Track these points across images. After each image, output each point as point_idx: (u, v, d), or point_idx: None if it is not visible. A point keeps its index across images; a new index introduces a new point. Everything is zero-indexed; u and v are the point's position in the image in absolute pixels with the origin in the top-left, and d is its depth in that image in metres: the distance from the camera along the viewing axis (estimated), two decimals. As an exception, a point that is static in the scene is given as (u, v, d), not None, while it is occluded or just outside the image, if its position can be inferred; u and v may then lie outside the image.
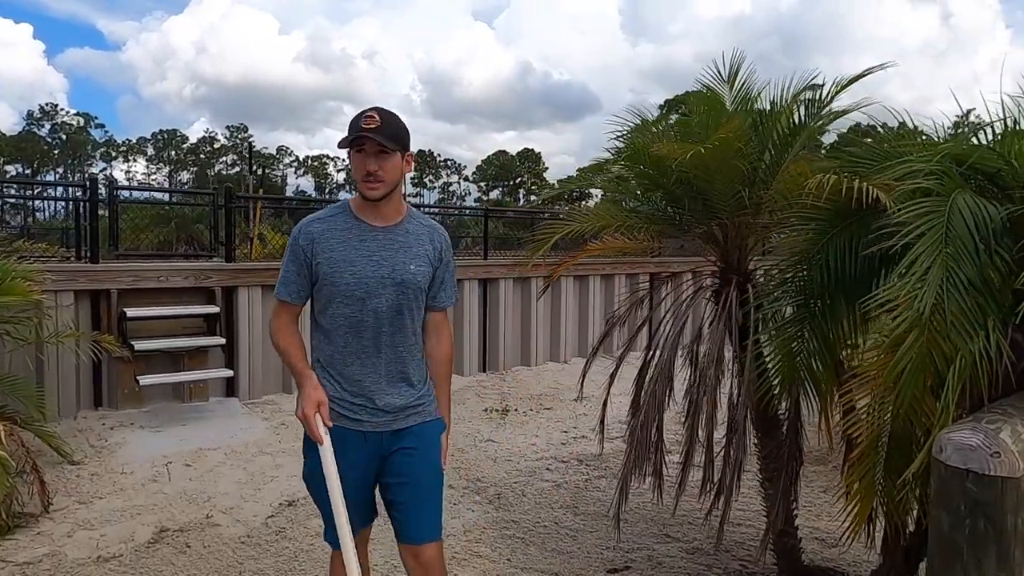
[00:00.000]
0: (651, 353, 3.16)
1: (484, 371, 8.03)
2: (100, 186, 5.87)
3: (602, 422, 3.51)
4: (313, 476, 1.95)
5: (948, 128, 2.45)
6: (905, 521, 2.20)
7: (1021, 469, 1.49)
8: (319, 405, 1.88)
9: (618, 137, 3.05)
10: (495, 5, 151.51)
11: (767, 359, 2.58)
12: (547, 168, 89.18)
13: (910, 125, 2.40)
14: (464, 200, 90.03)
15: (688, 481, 3.04)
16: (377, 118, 1.86)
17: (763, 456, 2.99)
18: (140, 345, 5.39)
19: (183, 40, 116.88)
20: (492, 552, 3.42)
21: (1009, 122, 2.22)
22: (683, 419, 2.98)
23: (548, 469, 4.73)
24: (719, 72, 2.80)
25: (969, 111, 2.76)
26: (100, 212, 6.09)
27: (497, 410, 6.26)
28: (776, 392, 2.50)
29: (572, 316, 8.88)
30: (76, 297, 5.42)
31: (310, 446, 1.96)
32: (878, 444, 1.93)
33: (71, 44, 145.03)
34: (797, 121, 2.56)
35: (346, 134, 1.88)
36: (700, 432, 2.81)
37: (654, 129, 2.91)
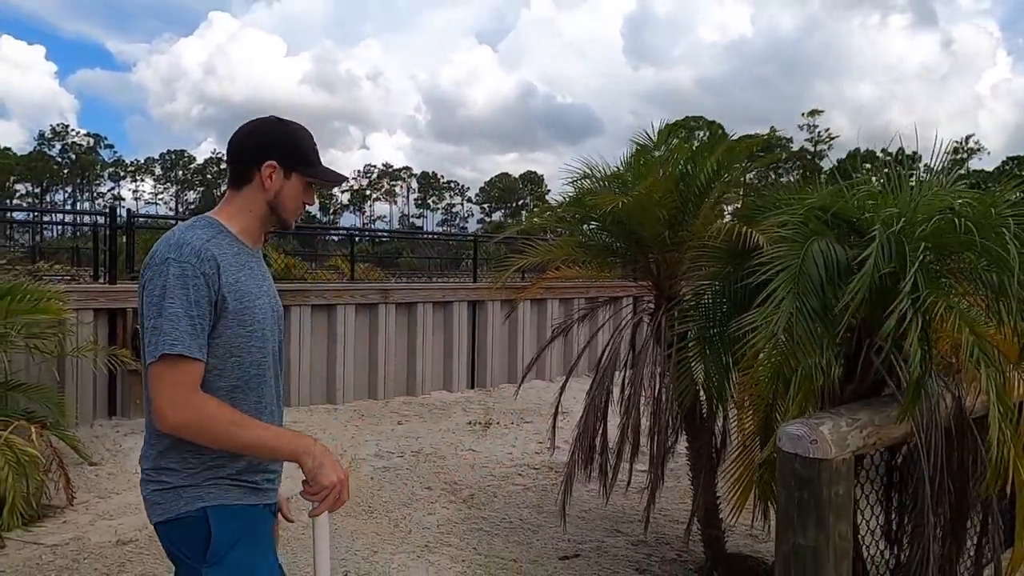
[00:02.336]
0: (598, 368, 3.67)
1: (472, 388, 8.52)
2: (119, 212, 6.45)
3: (553, 430, 3.98)
4: (251, 572, 1.55)
5: (947, 153, 2.85)
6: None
7: (833, 453, 1.99)
8: None
9: (570, 182, 3.59)
10: (499, 28, 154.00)
11: (677, 371, 3.08)
12: (549, 190, 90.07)
13: (861, 150, 2.93)
14: (467, 221, 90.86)
15: (635, 482, 3.53)
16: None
17: (690, 456, 3.48)
18: (153, 359, 5.91)
19: (192, 61, 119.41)
20: (460, 542, 3.90)
21: (878, 181, 2.76)
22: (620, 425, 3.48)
23: (520, 475, 5.20)
24: (649, 136, 3.34)
25: (968, 136, 3.21)
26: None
27: (480, 423, 6.74)
28: (683, 398, 3.00)
29: (558, 338, 9.36)
30: (95, 315, 5.95)
31: (234, 535, 1.51)
32: (748, 439, 2.43)
33: (82, 65, 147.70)
34: (706, 179, 3.08)
35: (298, 150, 1.61)
36: (629, 434, 3.30)
37: (597, 176, 3.45)
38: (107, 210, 6.42)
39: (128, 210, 6.64)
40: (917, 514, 2.39)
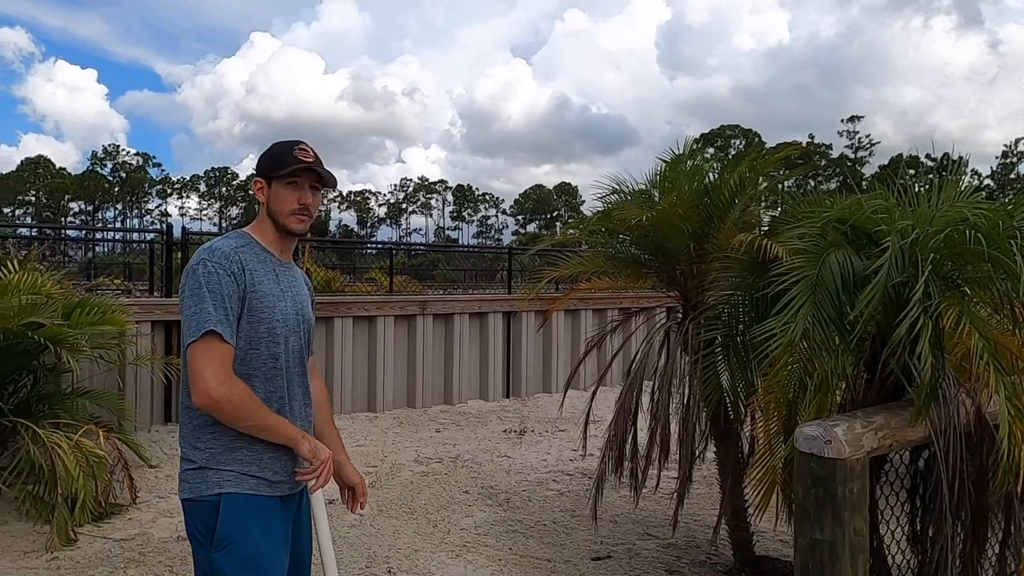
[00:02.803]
0: (628, 376, 3.82)
1: (508, 397, 8.70)
2: (174, 230, 6.86)
3: (584, 437, 4.14)
4: (249, 564, 1.71)
5: (997, 157, 2.96)
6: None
7: (847, 453, 2.11)
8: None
9: (600, 197, 3.77)
10: (533, 41, 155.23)
11: (703, 377, 3.21)
12: (583, 201, 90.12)
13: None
14: (502, 233, 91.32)
15: (666, 487, 3.65)
16: (311, 151, 1.81)
17: (717, 459, 3.59)
18: (206, 368, 6.24)
19: (234, 81, 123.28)
20: (497, 543, 4.07)
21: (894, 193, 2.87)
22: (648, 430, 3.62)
23: (554, 480, 5.35)
24: (675, 153, 3.50)
25: (1018, 140, 3.29)
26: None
27: (515, 431, 6.91)
28: (709, 404, 3.13)
29: (593, 345, 9.49)
30: (152, 326, 6.31)
31: (241, 522, 1.71)
32: (771, 441, 2.56)
33: (131, 87, 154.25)
34: (729, 194, 3.22)
35: (272, 160, 1.80)
36: (658, 439, 3.44)
37: (624, 191, 3.61)
38: (163, 228, 6.80)
39: (183, 228, 7.02)
40: (936, 516, 2.48)
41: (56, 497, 4.04)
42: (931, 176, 2.73)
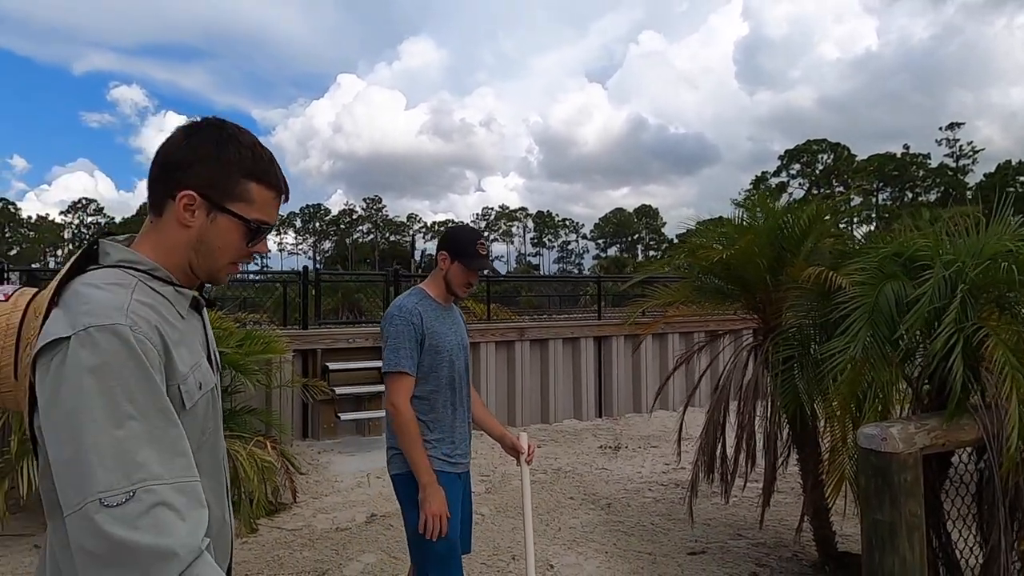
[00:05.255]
0: (716, 390, 4.36)
1: (600, 417, 9.25)
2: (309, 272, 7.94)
3: (678, 445, 4.68)
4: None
5: None
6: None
7: (900, 448, 2.61)
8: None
9: (681, 236, 4.37)
10: (607, 65, 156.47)
11: (782, 390, 3.73)
12: (664, 223, 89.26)
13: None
14: (582, 257, 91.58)
15: (756, 494, 4.13)
16: (486, 246, 2.60)
17: (800, 463, 4.06)
18: (340, 391, 7.20)
19: (322, 121, 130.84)
20: (602, 539, 4.66)
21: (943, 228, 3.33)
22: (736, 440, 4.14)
23: (650, 489, 5.88)
24: (751, 199, 4.07)
25: None
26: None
27: (611, 447, 7.47)
28: (785, 413, 3.64)
29: (680, 368, 9.92)
30: (293, 355, 7.34)
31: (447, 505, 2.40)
32: (839, 442, 3.06)
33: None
34: (800, 231, 3.76)
35: (460, 246, 2.54)
36: (744, 445, 3.96)
37: (705, 231, 4.21)
38: (303, 270, 7.88)
39: (316, 269, 8.07)
40: (989, 507, 2.90)
41: (240, 495, 4.97)
42: (949, 217, 3.17)
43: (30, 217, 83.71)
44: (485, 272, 2.65)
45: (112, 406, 0.95)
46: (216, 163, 1.15)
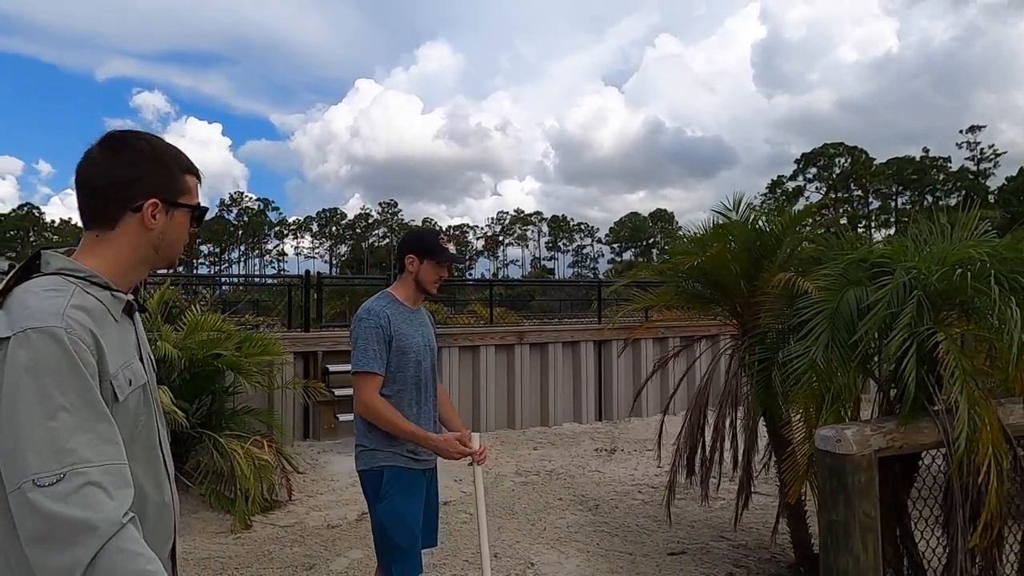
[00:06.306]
0: (696, 394, 4.44)
1: (600, 420, 9.32)
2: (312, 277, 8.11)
3: (658, 449, 4.76)
4: (398, 514, 2.53)
5: None
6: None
7: (855, 450, 2.68)
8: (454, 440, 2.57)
9: (668, 243, 4.46)
10: (624, 69, 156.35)
11: (756, 391, 3.80)
12: (680, 228, 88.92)
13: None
14: (597, 262, 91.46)
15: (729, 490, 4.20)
16: (449, 241, 2.76)
17: (776, 464, 4.13)
18: (339, 392, 7.34)
19: (340, 126, 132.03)
20: (586, 539, 4.74)
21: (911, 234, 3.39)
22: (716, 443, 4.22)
23: (639, 492, 5.95)
24: (728, 206, 4.14)
25: None
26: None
27: (606, 450, 7.54)
28: (759, 414, 3.71)
29: (680, 372, 9.97)
30: (295, 357, 7.50)
31: (395, 486, 2.54)
32: (799, 443, 3.13)
33: (250, 137, 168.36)
34: (774, 239, 3.83)
35: (426, 244, 2.66)
36: (719, 445, 4.03)
37: (686, 239, 4.29)
38: (305, 274, 8.05)
39: (318, 273, 8.25)
40: (947, 510, 2.95)
41: (235, 492, 5.12)
42: (915, 222, 3.23)
43: (54, 221, 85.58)
44: (456, 266, 2.77)
45: (46, 400, 1.07)
46: (161, 168, 1.31)
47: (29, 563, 1.06)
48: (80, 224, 1.32)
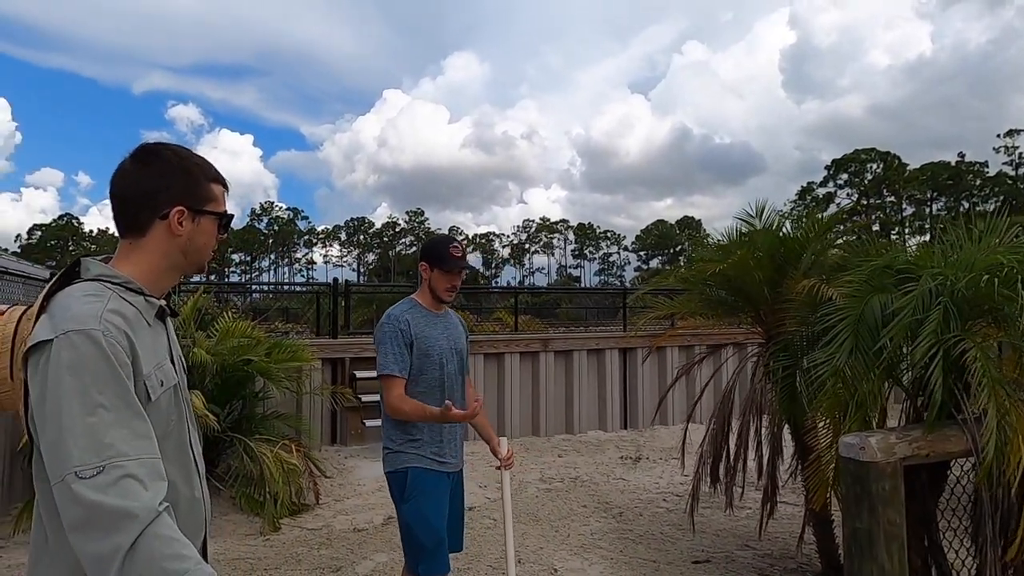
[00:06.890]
0: (720, 401, 4.42)
1: (625, 428, 9.28)
2: (339, 284, 8.25)
3: (682, 457, 4.74)
4: (423, 515, 2.58)
5: None
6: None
7: (879, 457, 2.66)
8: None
9: (694, 250, 4.46)
10: (650, 76, 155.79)
11: (780, 398, 3.77)
12: (708, 235, 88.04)
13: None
14: (623, 270, 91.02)
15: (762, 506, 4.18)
16: (460, 248, 2.72)
17: (802, 472, 4.09)
18: (366, 398, 7.45)
19: (368, 136, 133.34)
20: (610, 546, 4.74)
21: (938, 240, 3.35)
22: (740, 451, 4.19)
23: (664, 500, 5.93)
24: (751, 214, 4.13)
25: None
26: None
27: (631, 458, 7.51)
28: (787, 423, 3.68)
29: (706, 380, 9.88)
30: (323, 363, 7.62)
31: (419, 487, 2.60)
32: (823, 450, 3.11)
33: (281, 148, 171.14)
34: (798, 247, 3.81)
35: (435, 253, 2.70)
36: (742, 452, 4.01)
37: (709, 246, 4.29)
38: (332, 282, 8.19)
39: (346, 281, 8.39)
40: (977, 519, 2.91)
41: (264, 495, 5.23)
42: (941, 227, 3.19)
43: (92, 231, 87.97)
44: (465, 271, 2.77)
45: (86, 397, 1.15)
46: (188, 177, 1.39)
47: (71, 550, 1.13)
48: (116, 233, 1.40)
